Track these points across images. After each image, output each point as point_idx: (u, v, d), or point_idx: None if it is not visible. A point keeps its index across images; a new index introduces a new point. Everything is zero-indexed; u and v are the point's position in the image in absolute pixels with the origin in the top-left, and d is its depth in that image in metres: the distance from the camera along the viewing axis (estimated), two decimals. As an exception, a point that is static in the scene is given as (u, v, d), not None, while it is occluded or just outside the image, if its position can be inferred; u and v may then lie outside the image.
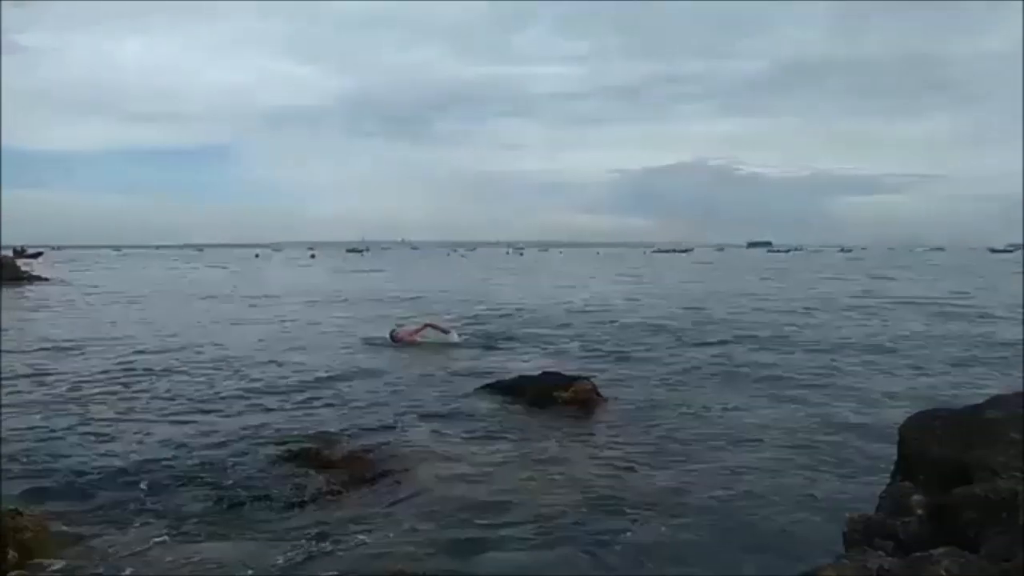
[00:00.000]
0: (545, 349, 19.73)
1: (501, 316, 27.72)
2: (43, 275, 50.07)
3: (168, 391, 13.78)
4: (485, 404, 12.74)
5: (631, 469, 9.12)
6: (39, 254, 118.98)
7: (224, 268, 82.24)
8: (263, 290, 43.24)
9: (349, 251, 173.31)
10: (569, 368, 14.87)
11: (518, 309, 30.32)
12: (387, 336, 20.60)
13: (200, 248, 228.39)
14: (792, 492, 8.22)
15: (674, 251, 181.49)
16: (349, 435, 10.49)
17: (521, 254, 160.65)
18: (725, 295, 38.41)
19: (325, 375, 15.43)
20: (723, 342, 20.26)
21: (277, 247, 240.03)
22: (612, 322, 25.45)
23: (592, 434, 10.94)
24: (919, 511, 4.77)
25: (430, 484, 8.45)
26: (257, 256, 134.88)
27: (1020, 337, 19.88)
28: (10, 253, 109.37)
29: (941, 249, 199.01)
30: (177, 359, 17.34)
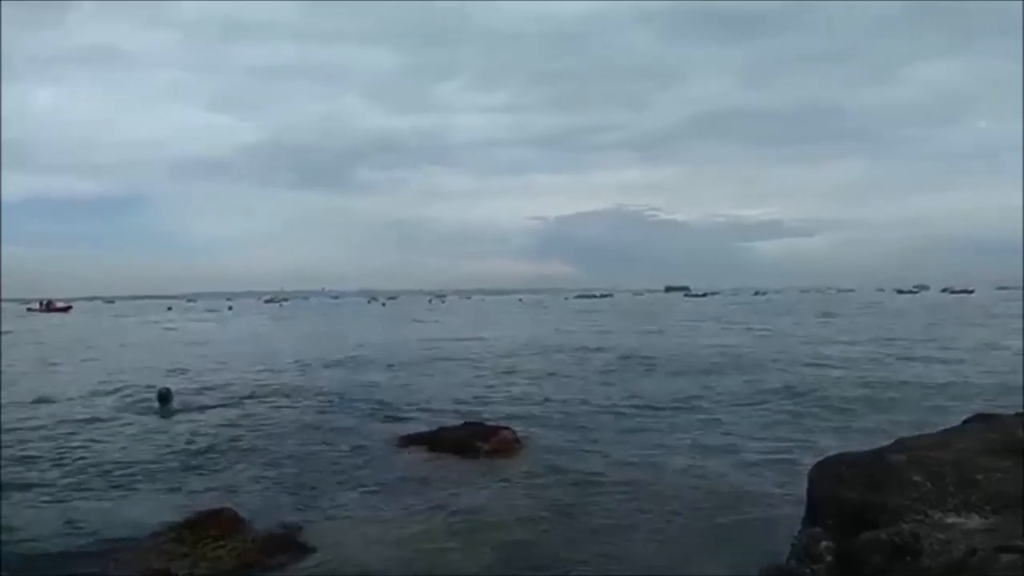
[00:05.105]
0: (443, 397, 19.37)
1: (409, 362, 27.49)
2: None
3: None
4: (406, 459, 12.50)
5: (555, 520, 9.08)
6: (68, 307, 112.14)
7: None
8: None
9: (267, 301, 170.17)
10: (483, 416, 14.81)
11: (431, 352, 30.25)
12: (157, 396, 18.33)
13: (111, 300, 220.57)
14: (706, 542, 8.27)
15: (594, 296, 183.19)
16: (261, 497, 10.10)
17: (443, 302, 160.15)
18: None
19: (223, 436, 14.60)
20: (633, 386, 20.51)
21: (193, 298, 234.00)
22: (519, 368, 25.53)
23: (516, 487, 10.76)
24: (828, 557, 4.88)
25: (357, 553, 8.15)
26: (170, 309, 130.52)
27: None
28: (35, 305, 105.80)
29: (851, 290, 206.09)
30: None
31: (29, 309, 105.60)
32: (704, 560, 7.72)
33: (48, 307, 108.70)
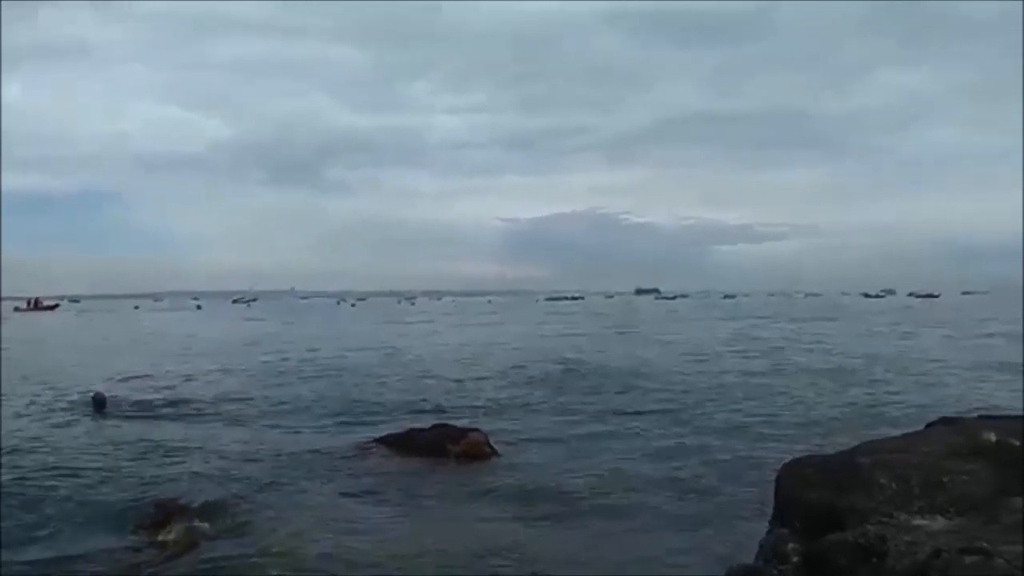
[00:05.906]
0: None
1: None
2: None
3: None
4: (373, 460, 12.42)
5: (524, 522, 9.09)
6: (55, 306, 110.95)
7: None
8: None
9: (234, 301, 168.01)
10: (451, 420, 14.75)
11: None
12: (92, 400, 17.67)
13: (76, 299, 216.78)
14: (673, 542, 8.30)
15: (565, 298, 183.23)
16: (213, 495, 9.98)
17: (413, 303, 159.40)
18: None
19: (170, 438, 14.26)
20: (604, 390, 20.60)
21: (160, 297, 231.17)
22: (486, 371, 25.45)
23: (486, 488, 10.73)
24: (795, 559, 4.92)
25: (318, 550, 8.10)
26: (136, 308, 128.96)
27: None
28: (23, 305, 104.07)
29: (818, 295, 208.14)
30: None
31: (16, 308, 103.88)
32: (672, 561, 7.74)
33: (36, 306, 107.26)
